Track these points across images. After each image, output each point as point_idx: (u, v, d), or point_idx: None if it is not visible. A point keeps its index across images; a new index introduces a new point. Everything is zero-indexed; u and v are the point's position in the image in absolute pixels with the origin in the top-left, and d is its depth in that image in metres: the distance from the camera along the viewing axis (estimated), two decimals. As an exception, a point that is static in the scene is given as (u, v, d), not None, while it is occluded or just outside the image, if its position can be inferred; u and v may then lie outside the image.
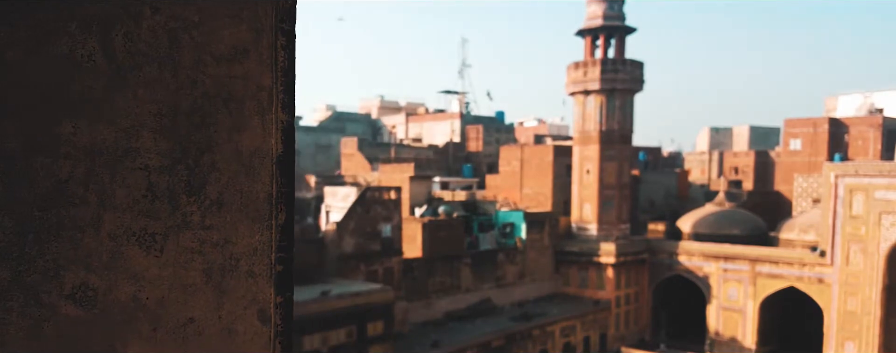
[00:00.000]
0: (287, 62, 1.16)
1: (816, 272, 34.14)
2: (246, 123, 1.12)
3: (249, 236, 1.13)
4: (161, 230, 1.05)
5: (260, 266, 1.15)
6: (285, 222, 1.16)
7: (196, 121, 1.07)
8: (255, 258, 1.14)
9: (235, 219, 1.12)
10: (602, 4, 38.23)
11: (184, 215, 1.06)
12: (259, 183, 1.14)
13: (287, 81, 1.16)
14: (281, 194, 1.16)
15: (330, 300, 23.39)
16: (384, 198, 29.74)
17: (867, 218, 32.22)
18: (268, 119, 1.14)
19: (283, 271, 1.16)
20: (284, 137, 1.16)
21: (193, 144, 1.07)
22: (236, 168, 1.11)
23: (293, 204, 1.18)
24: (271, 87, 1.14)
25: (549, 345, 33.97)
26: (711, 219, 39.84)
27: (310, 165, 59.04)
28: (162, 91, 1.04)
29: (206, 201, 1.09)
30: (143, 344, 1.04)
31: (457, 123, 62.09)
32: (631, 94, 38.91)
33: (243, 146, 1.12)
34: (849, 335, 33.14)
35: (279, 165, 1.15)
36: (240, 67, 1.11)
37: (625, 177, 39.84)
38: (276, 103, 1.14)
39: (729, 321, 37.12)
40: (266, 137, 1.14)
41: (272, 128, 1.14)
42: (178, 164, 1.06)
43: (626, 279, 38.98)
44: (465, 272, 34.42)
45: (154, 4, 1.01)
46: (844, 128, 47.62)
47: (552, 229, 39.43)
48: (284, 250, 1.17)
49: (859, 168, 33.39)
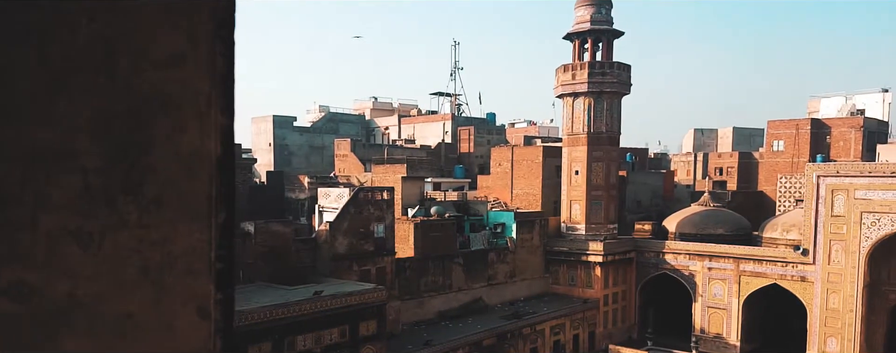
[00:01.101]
0: (225, 68, 1.21)
1: (799, 271, 34.57)
2: (184, 126, 1.16)
3: (188, 235, 1.17)
4: (98, 229, 1.09)
5: (199, 264, 1.19)
6: (225, 221, 1.20)
7: (133, 124, 1.11)
8: (194, 256, 1.18)
9: (174, 218, 1.16)
10: (590, 9, 38.49)
11: (121, 214, 1.11)
12: (198, 184, 1.18)
13: (225, 85, 1.21)
14: (221, 194, 1.20)
15: (323, 300, 23.39)
16: (377, 198, 29.77)
17: (848, 217, 32.67)
18: (206, 122, 1.18)
19: (223, 268, 1.21)
20: (224, 139, 1.20)
21: (131, 147, 1.11)
22: (174, 170, 1.16)
23: (234, 204, 1.23)
24: (209, 91, 1.18)
25: (540, 343, 34.15)
26: (697, 219, 40.21)
27: (303, 165, 58.91)
28: (99, 96, 1.08)
29: (143, 201, 1.13)
30: (81, 339, 1.08)
31: (449, 125, 62.24)
32: (618, 96, 39.20)
33: (182, 149, 1.16)
34: (831, 331, 33.58)
35: (219, 166, 1.20)
36: (177, 72, 1.16)
37: (612, 178, 40.12)
38: (215, 107, 1.19)
39: (714, 319, 37.49)
40: (205, 139, 1.18)
41: (211, 131, 1.18)
42: (115, 165, 1.10)
43: (614, 278, 39.26)
44: (457, 272, 34.51)
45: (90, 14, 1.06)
46: (826, 129, 48.26)
47: (542, 229, 39.64)
48: (224, 248, 1.21)
49: (841, 168, 33.85)
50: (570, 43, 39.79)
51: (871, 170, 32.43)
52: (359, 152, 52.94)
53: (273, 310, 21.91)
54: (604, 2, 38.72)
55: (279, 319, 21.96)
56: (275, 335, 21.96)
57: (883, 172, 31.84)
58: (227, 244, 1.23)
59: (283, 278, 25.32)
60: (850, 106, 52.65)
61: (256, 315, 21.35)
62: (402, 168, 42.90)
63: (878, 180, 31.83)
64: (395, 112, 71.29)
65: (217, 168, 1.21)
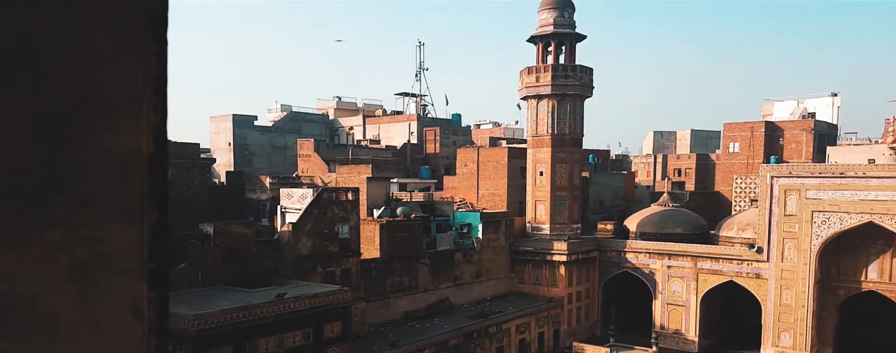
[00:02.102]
0: (159, 67, 1.21)
1: (754, 268, 35.77)
2: (115, 125, 1.16)
3: (120, 234, 1.17)
4: (26, 228, 1.08)
5: (131, 263, 1.19)
6: (158, 220, 1.21)
7: (62, 123, 1.11)
8: (126, 256, 1.18)
9: (104, 217, 1.16)
10: (553, 12, 39.01)
11: (50, 213, 1.10)
12: (130, 183, 1.18)
13: (159, 85, 1.21)
14: (153, 193, 1.20)
15: (286, 302, 23.05)
16: (341, 199, 29.50)
17: (800, 216, 33.97)
18: (139, 122, 1.18)
19: (155, 268, 1.21)
20: (156, 138, 1.20)
21: (59, 146, 1.11)
22: (105, 169, 1.15)
23: (166, 203, 1.23)
24: (142, 90, 1.18)
25: (506, 342, 34.44)
26: (656, 218, 41.20)
27: (265, 165, 57.94)
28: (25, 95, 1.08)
29: (73, 200, 1.12)
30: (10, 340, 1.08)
31: (414, 125, 62.15)
32: (581, 98, 39.83)
33: (112, 148, 1.16)
34: (785, 326, 34.85)
35: (151, 165, 1.20)
36: (108, 71, 1.16)
37: (576, 179, 40.75)
38: (148, 106, 1.19)
39: (673, 315, 38.48)
40: (137, 138, 1.18)
41: (143, 130, 1.19)
42: (43, 164, 1.09)
43: (578, 277, 39.89)
44: (424, 272, 34.50)
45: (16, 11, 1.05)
46: (780, 131, 50.10)
47: (508, 229, 39.97)
48: (157, 247, 1.21)
49: (793, 170, 35.16)
50: (534, 46, 40.26)
51: (822, 171, 33.78)
52: (322, 152, 52.42)
53: (234, 313, 21.51)
54: (566, 5, 39.29)
55: (240, 322, 21.57)
56: (236, 338, 21.56)
57: (832, 173, 33.20)
58: (159, 244, 1.23)
59: (244, 280, 24.87)
60: (802, 109, 54.75)
61: (217, 319, 20.93)
62: (367, 169, 42.66)
63: (827, 181, 33.19)
64: (359, 112, 70.84)
65: (149, 167, 1.21)
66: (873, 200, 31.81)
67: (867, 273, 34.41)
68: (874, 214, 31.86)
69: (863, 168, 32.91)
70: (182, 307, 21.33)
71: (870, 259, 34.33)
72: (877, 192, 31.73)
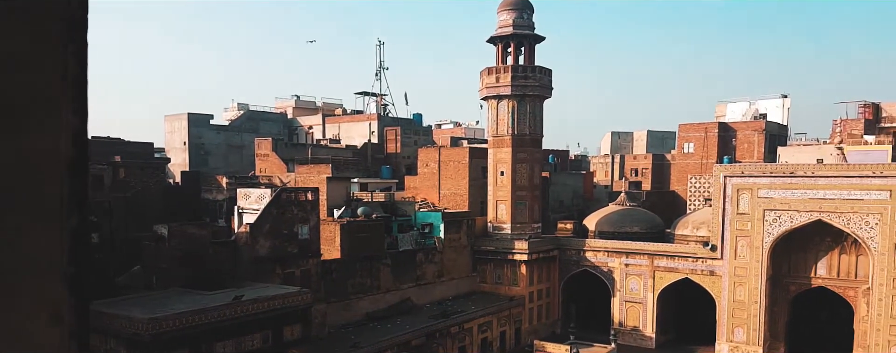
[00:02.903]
0: (78, 70, 1.20)
1: (708, 265, 36.89)
2: (33, 128, 1.14)
3: (37, 239, 1.16)
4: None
5: (50, 268, 1.17)
6: (78, 224, 1.20)
7: (-28, 126, 1.09)
8: (44, 260, 1.17)
9: (21, 222, 1.14)
10: (512, 13, 39.37)
11: (-40, 218, 1.08)
12: (48, 187, 1.17)
13: (78, 87, 1.20)
14: (72, 197, 1.19)
15: (243, 305, 22.60)
16: (300, 199, 29.09)
17: (753, 215, 35.17)
18: (57, 124, 1.17)
19: (76, 272, 1.20)
20: (76, 141, 1.19)
21: (-28, 149, 1.09)
22: (19, 172, 1.14)
23: (86, 207, 1.22)
24: (59, 93, 1.17)
25: (468, 341, 34.60)
26: (614, 217, 42.08)
27: (221, 165, 56.69)
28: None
29: (-15, 203, 1.11)
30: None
31: (375, 125, 61.80)
32: (540, 99, 40.33)
33: (30, 151, 1.14)
34: (738, 322, 36.02)
35: (70, 168, 1.19)
36: (27, 74, 1.14)
37: (536, 178, 41.24)
38: (66, 109, 1.18)
39: (631, 312, 39.37)
40: (55, 141, 1.17)
41: (62, 133, 1.17)
42: (-46, 168, 1.07)
43: (539, 276, 40.40)
44: (385, 273, 34.34)
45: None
46: (732, 132, 51.83)
47: (469, 229, 40.16)
48: (77, 252, 1.20)
49: (745, 169, 36.38)
50: (494, 46, 40.55)
51: (773, 170, 35.03)
52: (281, 152, 51.63)
53: (190, 316, 20.99)
54: (525, 7, 39.71)
55: (197, 325, 21.06)
56: (192, 342, 21.04)
57: (783, 173, 34.46)
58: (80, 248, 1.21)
59: (200, 282, 24.29)
60: (754, 110, 56.68)
61: (172, 322, 20.38)
62: (327, 168, 42.24)
63: (778, 180, 34.42)
64: (319, 111, 70.03)
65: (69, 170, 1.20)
66: (822, 198, 33.09)
67: (817, 270, 35.63)
68: (823, 212, 33.09)
69: (812, 168, 34.15)
70: (136, 310, 20.71)
71: (819, 256, 35.49)
72: (825, 191, 33.00)
